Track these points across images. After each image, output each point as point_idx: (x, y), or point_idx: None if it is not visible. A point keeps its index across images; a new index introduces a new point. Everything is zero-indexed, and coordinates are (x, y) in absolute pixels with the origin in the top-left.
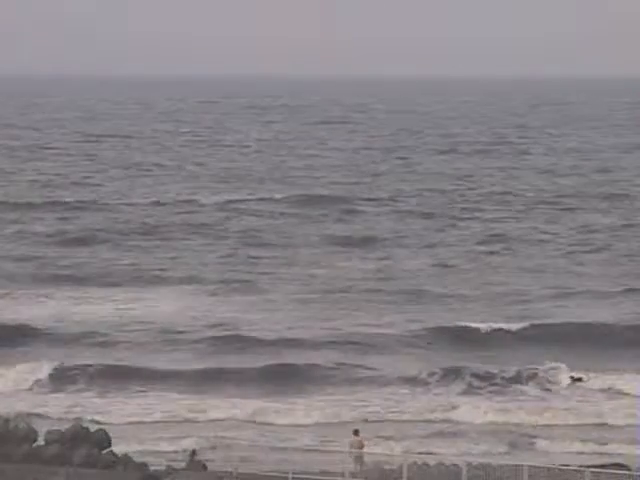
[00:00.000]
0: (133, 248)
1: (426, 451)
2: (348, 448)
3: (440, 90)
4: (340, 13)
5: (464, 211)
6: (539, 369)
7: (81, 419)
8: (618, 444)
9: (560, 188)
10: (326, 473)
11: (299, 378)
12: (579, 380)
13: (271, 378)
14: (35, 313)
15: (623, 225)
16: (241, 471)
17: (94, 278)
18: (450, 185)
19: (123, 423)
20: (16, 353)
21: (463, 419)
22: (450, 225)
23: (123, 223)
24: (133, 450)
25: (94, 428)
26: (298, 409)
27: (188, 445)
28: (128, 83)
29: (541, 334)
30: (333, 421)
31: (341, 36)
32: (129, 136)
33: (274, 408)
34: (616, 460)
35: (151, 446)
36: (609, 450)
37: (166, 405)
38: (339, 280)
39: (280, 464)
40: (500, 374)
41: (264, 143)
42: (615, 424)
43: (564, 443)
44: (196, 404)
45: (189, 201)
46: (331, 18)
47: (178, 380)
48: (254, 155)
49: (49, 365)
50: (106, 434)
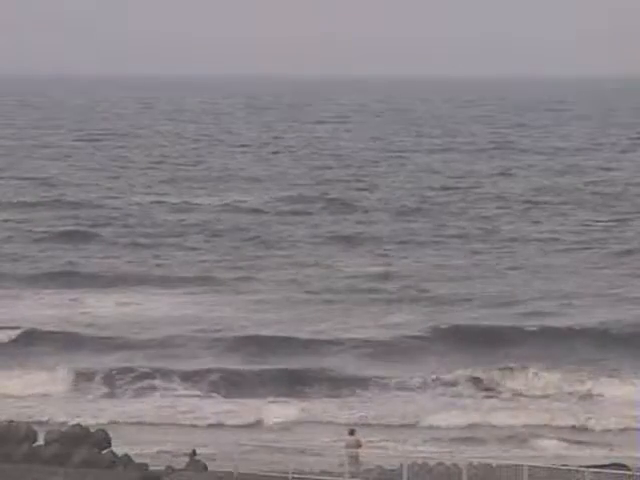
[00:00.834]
0: (132, 247)
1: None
2: (344, 448)
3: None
4: (339, 12)
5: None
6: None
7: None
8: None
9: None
10: (326, 473)
11: (298, 379)
12: None
13: (273, 379)
14: (45, 313)
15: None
16: (241, 471)
17: (96, 278)
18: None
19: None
20: (30, 356)
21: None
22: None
23: (122, 221)
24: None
25: (94, 428)
26: (296, 409)
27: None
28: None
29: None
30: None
31: (341, 36)
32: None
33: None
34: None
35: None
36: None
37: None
38: (330, 280)
39: (280, 464)
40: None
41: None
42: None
43: None
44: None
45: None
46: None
47: (195, 382)
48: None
49: (66, 369)
50: (106, 434)
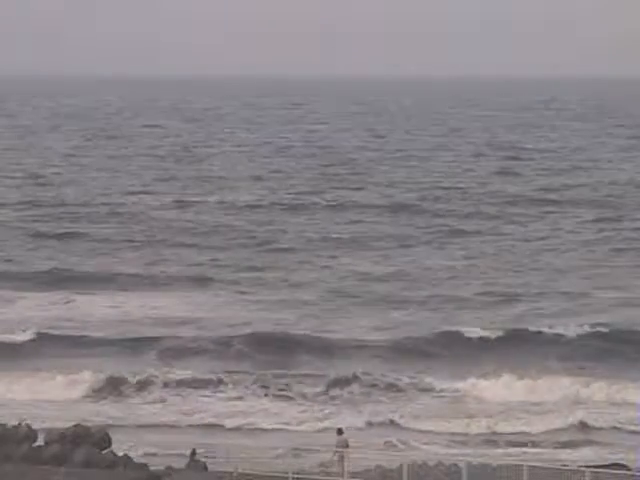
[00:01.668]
0: (131, 247)
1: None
2: (334, 448)
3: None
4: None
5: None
6: None
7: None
8: None
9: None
10: (326, 473)
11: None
12: None
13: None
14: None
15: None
16: (241, 471)
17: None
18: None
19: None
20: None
21: None
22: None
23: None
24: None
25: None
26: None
27: None
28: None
29: None
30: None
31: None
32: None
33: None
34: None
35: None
36: None
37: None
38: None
39: (280, 464)
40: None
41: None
42: None
43: None
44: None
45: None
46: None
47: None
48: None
49: (94, 373)
50: (106, 434)
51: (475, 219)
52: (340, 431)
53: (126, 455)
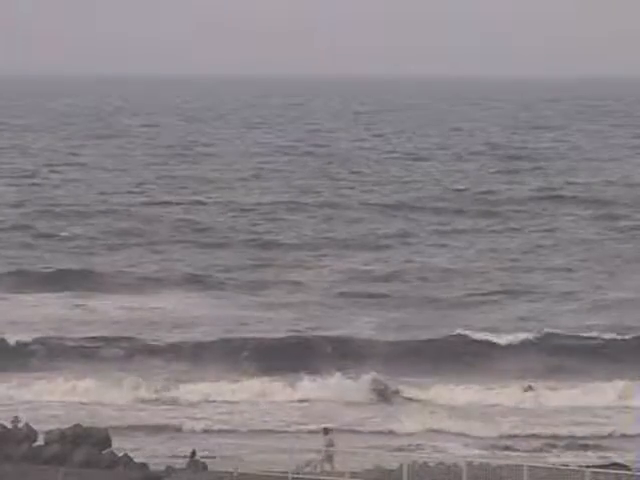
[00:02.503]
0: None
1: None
2: (322, 447)
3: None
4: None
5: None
6: None
7: None
8: None
9: None
10: (326, 473)
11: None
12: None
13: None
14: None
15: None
16: (241, 471)
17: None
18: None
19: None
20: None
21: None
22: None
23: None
24: None
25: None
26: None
27: None
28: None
29: None
30: None
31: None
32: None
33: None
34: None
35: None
36: None
37: None
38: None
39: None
40: None
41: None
42: None
43: None
44: None
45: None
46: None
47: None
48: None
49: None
50: (106, 434)
51: (476, 219)
52: (326, 431)
53: (126, 455)
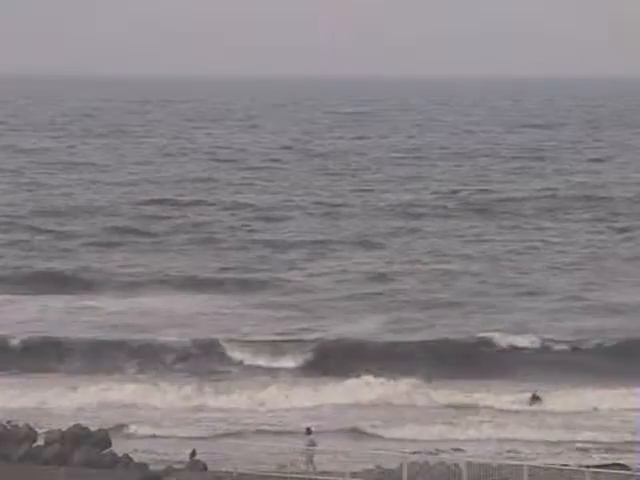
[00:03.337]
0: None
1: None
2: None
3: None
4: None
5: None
6: None
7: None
8: None
9: None
10: (326, 473)
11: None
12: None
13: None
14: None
15: None
16: (241, 471)
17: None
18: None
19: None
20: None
21: None
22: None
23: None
24: None
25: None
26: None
27: None
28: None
29: None
30: None
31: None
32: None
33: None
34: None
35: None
36: None
37: None
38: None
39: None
40: None
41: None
42: None
43: None
44: None
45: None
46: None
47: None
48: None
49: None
50: (106, 434)
51: (476, 219)
52: (309, 430)
53: (126, 455)
